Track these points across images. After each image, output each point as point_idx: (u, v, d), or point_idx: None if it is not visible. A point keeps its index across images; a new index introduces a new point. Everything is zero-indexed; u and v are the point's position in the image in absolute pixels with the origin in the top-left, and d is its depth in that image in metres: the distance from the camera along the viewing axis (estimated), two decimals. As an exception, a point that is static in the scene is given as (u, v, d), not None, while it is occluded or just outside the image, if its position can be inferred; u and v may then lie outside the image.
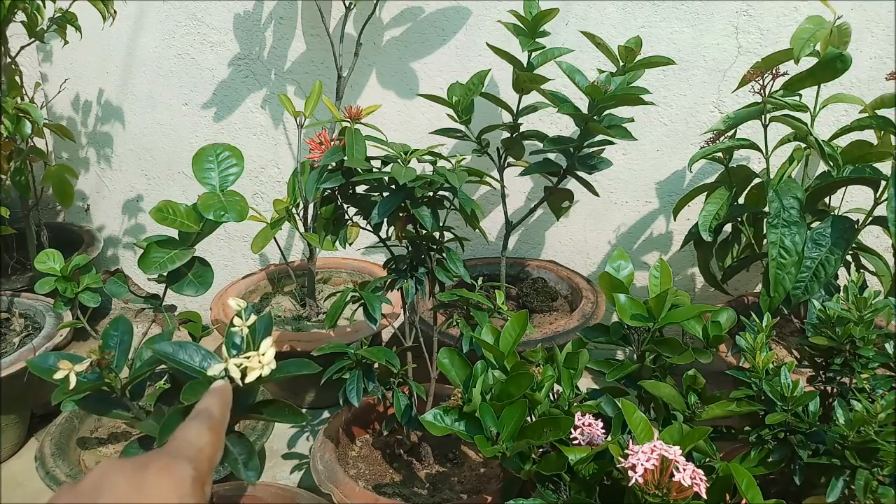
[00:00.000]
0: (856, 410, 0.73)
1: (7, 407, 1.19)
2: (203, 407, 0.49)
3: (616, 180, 1.44)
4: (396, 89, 1.46)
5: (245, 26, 1.47)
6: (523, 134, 1.23)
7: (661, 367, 0.85)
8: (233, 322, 0.58)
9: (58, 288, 1.06)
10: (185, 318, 1.07)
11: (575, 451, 0.70)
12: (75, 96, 1.63)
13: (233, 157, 0.97)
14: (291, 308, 1.46)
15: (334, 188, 0.88)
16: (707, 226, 1.16)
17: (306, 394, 1.38)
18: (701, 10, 1.30)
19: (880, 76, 1.26)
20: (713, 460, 0.73)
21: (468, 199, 0.88)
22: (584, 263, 1.53)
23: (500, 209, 1.33)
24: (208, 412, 0.48)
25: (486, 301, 0.99)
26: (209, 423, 0.46)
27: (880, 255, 1.15)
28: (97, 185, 1.71)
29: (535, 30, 1.14)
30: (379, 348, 0.97)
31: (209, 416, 0.48)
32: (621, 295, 0.83)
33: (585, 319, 1.27)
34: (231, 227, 1.63)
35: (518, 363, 0.78)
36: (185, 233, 0.94)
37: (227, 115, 1.54)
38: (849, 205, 1.24)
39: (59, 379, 0.56)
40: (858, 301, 0.81)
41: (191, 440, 0.44)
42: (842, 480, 0.73)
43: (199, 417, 0.47)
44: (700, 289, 1.49)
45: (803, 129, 1.05)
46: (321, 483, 0.95)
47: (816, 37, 1.03)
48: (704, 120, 1.37)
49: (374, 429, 1.14)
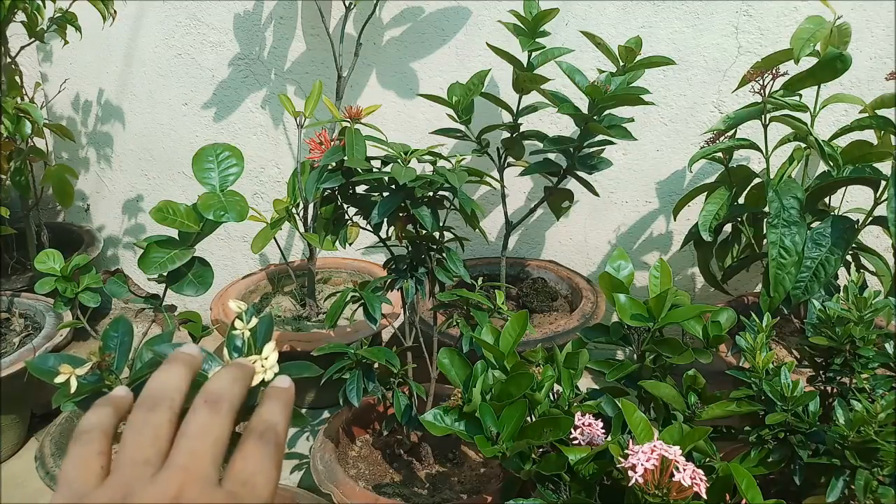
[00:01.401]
0: (856, 410, 0.73)
1: (7, 407, 1.19)
2: (269, 422, 0.34)
3: (616, 180, 1.44)
4: (396, 89, 1.46)
5: (245, 26, 1.47)
6: (523, 134, 1.23)
7: (661, 367, 0.85)
8: (234, 325, 0.58)
9: (58, 288, 1.06)
10: (185, 318, 1.07)
11: (575, 451, 0.70)
12: (75, 96, 1.63)
13: (233, 157, 0.97)
14: (291, 308, 1.46)
15: (334, 188, 0.88)
16: (707, 226, 1.16)
17: (306, 394, 1.38)
18: (701, 10, 1.30)
19: (880, 76, 1.26)
20: (713, 460, 0.73)
21: (468, 199, 0.88)
22: (584, 263, 1.53)
23: (500, 209, 1.33)
24: (276, 435, 0.34)
25: (486, 301, 0.99)
26: (278, 457, 0.33)
27: (880, 255, 1.15)
28: (97, 185, 1.71)
29: (535, 30, 1.14)
30: (379, 348, 0.97)
31: (277, 440, 0.34)
32: (621, 295, 0.83)
33: (585, 319, 1.27)
34: (231, 227, 1.63)
35: (518, 363, 0.78)
36: (185, 233, 0.94)
37: (227, 115, 1.54)
38: (849, 205, 1.24)
39: (59, 381, 0.56)
40: (858, 301, 0.81)
41: (260, 490, 0.32)
42: (842, 480, 0.73)
43: (266, 442, 0.33)
44: (700, 289, 1.49)
45: (803, 129, 1.05)
46: (321, 483, 0.95)
47: (816, 37, 1.03)
48: (704, 120, 1.37)
49: (374, 429, 1.14)
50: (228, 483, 0.31)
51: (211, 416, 0.33)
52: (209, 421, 0.32)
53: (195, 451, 0.31)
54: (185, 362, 0.36)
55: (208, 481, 0.30)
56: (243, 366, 0.37)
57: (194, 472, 0.30)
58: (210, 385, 0.34)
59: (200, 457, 0.31)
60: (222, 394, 0.34)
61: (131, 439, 0.32)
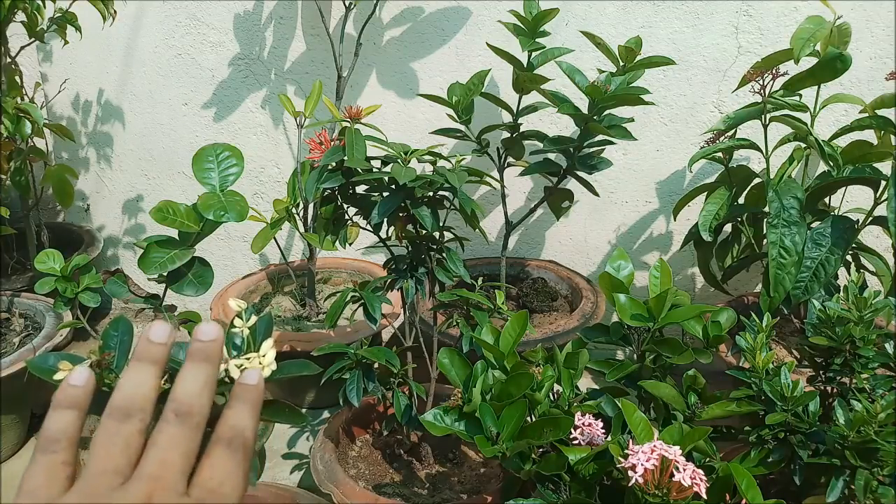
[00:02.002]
0: (856, 410, 0.73)
1: (7, 407, 1.19)
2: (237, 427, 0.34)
3: (616, 180, 1.44)
4: (396, 89, 1.46)
5: (245, 26, 1.47)
6: (523, 134, 1.23)
7: (661, 367, 0.85)
8: (233, 323, 0.58)
9: (58, 288, 1.06)
10: (185, 318, 1.07)
11: (575, 451, 0.70)
12: (75, 96, 1.63)
13: (233, 157, 0.97)
14: (291, 308, 1.45)
15: (334, 188, 0.88)
16: (707, 226, 1.16)
17: (306, 394, 1.38)
18: (701, 10, 1.30)
19: (880, 76, 1.26)
20: (713, 460, 0.73)
21: (468, 199, 0.88)
22: (584, 263, 1.53)
23: (500, 209, 1.33)
24: (244, 440, 0.34)
25: (486, 301, 0.99)
26: (245, 463, 0.33)
27: (880, 255, 1.15)
28: (97, 185, 1.71)
29: (535, 30, 1.14)
30: (379, 348, 0.97)
31: (245, 446, 0.34)
32: (621, 295, 0.83)
33: (585, 319, 1.27)
34: (231, 227, 1.63)
35: (518, 363, 0.78)
36: (185, 233, 0.94)
37: (227, 115, 1.54)
38: (849, 205, 1.24)
39: (59, 380, 0.56)
40: (858, 301, 0.80)
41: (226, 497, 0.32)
42: (842, 480, 0.73)
43: (234, 449, 0.33)
44: (700, 289, 1.49)
45: (803, 129, 1.05)
46: (321, 483, 0.95)
47: (816, 37, 1.03)
48: (704, 120, 1.37)
49: (374, 429, 1.14)
50: (195, 491, 0.31)
51: (181, 428, 0.33)
52: (179, 432, 0.33)
53: (164, 462, 0.32)
54: (153, 359, 0.35)
55: (176, 491, 0.31)
56: (209, 362, 0.36)
57: (163, 483, 0.31)
58: (179, 394, 0.34)
59: (169, 467, 0.31)
60: (192, 405, 0.34)
61: (101, 449, 0.32)
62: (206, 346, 0.36)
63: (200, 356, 0.36)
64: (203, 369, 0.35)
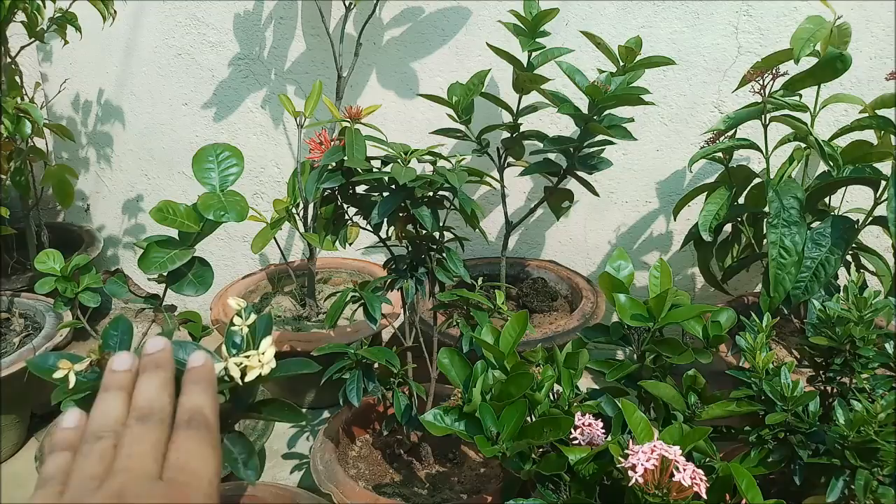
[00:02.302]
0: (856, 410, 0.73)
1: (7, 407, 1.19)
2: (193, 408, 0.37)
3: (616, 180, 1.44)
4: (396, 89, 1.46)
5: (245, 26, 1.47)
6: (523, 134, 1.23)
7: (661, 367, 0.85)
8: (233, 321, 0.58)
9: (58, 288, 1.06)
10: (185, 318, 1.07)
11: (575, 451, 0.70)
12: (75, 96, 1.63)
13: (233, 157, 0.97)
14: (291, 308, 1.45)
15: (334, 188, 0.88)
16: (707, 226, 1.16)
17: (306, 394, 1.38)
18: (701, 10, 1.30)
19: (880, 76, 1.26)
20: (713, 460, 0.73)
21: (468, 199, 0.88)
22: (584, 263, 1.53)
23: (500, 209, 1.33)
24: (203, 417, 0.36)
25: (486, 301, 0.99)
26: (209, 436, 0.36)
27: (880, 255, 1.15)
28: (97, 185, 1.71)
29: (535, 30, 1.14)
30: (379, 348, 0.97)
31: (206, 423, 0.36)
32: (621, 295, 0.83)
33: (585, 319, 1.27)
34: (231, 227, 1.63)
35: (518, 363, 0.78)
36: (185, 233, 0.94)
37: (227, 115, 1.54)
38: (849, 205, 1.24)
39: (58, 378, 0.56)
40: (858, 301, 0.80)
41: (197, 471, 0.34)
42: (842, 480, 0.72)
43: (194, 427, 0.36)
44: (700, 289, 1.49)
45: (803, 129, 1.05)
46: (321, 483, 0.95)
47: (816, 37, 1.03)
48: (704, 120, 1.37)
49: (374, 429, 1.14)
50: (166, 473, 0.34)
51: (144, 426, 0.35)
52: (142, 430, 0.35)
53: (131, 455, 0.34)
54: (118, 386, 0.38)
55: (148, 477, 0.33)
56: (160, 368, 0.39)
57: (133, 473, 0.33)
58: (138, 401, 0.37)
59: (137, 458, 0.34)
60: (151, 406, 0.37)
61: (80, 463, 0.35)
62: (153, 357, 0.39)
63: (151, 366, 0.39)
64: (156, 374, 0.38)
